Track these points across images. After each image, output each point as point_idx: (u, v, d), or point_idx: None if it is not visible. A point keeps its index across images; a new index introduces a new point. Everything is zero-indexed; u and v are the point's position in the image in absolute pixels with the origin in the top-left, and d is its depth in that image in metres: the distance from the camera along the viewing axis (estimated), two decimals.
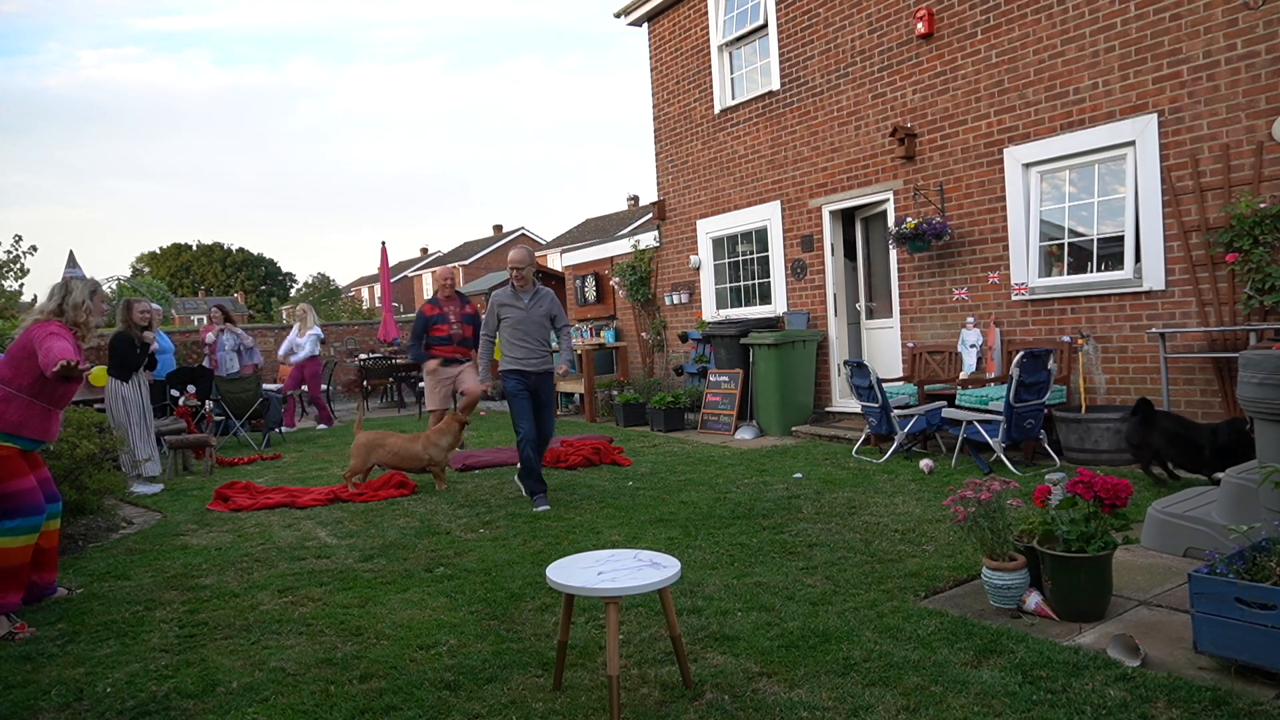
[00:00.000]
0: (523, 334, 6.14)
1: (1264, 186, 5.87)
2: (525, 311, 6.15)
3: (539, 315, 6.19)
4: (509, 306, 6.16)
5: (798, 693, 2.92)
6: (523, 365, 6.14)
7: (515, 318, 6.14)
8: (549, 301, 6.26)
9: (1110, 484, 3.51)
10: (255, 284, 59.85)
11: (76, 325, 4.35)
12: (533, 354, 6.16)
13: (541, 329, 6.23)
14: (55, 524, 4.46)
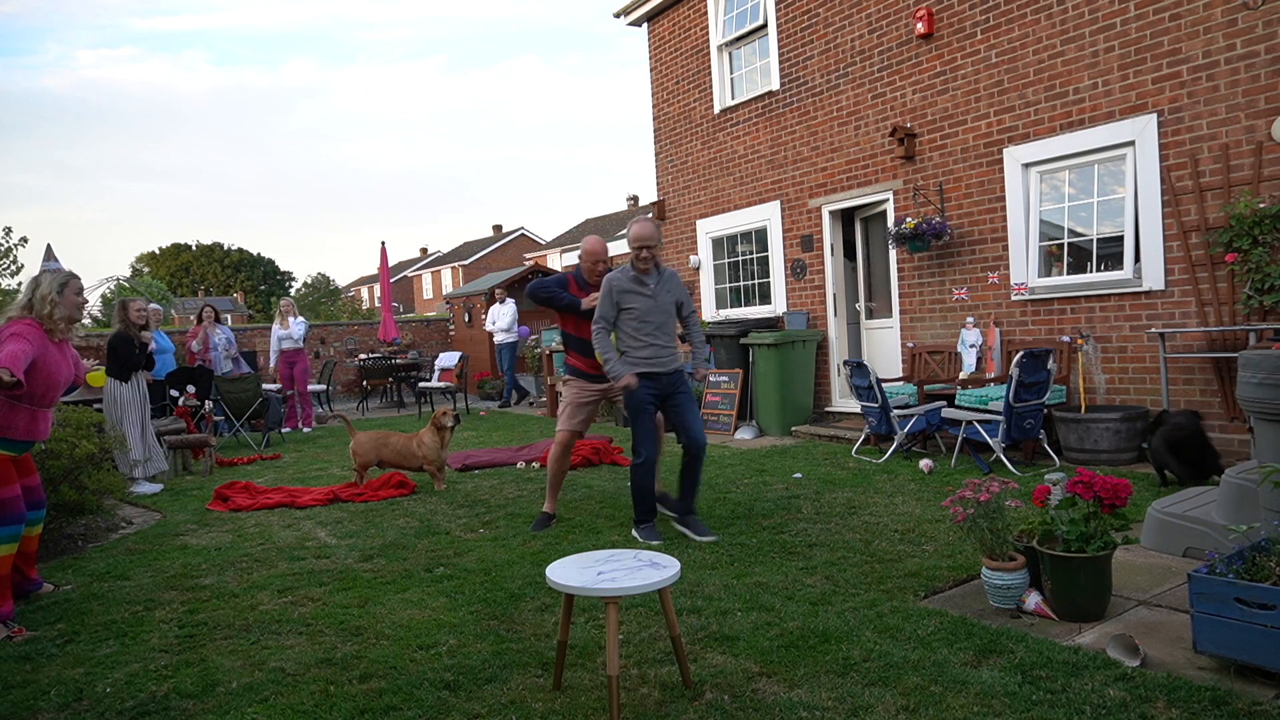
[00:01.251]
0: (652, 327, 4.92)
1: (1263, 186, 5.87)
2: (653, 299, 4.92)
3: (668, 303, 4.99)
4: (633, 294, 4.89)
5: (798, 693, 2.92)
6: (653, 366, 4.93)
7: (642, 308, 4.90)
8: (676, 284, 5.09)
9: (1110, 484, 3.51)
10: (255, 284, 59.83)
11: (44, 320, 4.19)
12: (664, 351, 4.99)
13: (671, 319, 5.06)
14: (37, 529, 4.46)
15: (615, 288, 4.90)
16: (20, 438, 4.10)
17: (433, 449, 6.88)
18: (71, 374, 4.39)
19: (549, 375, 12.34)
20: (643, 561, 3.04)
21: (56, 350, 4.21)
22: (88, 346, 13.00)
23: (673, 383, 4.99)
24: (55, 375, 4.18)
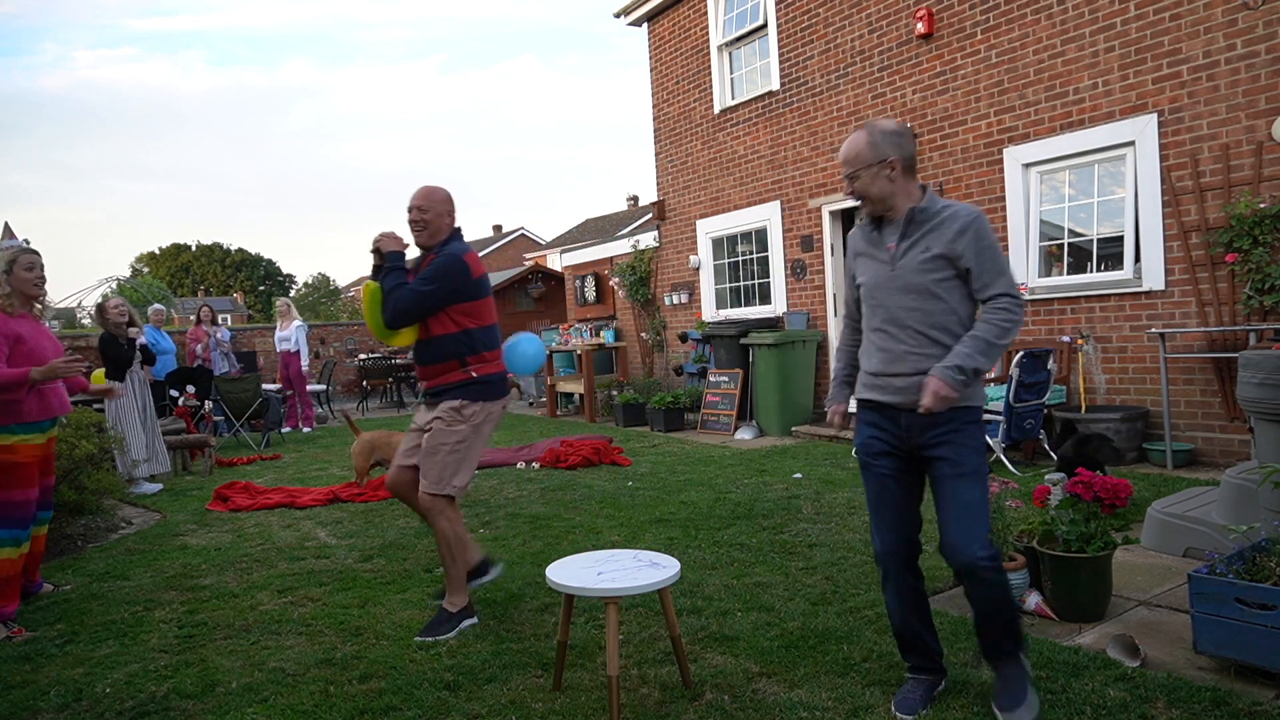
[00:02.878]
0: (882, 318, 2.74)
1: (1264, 186, 5.87)
2: (890, 265, 2.71)
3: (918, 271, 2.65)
4: (863, 259, 2.83)
5: (798, 693, 2.92)
6: (878, 390, 2.76)
7: (869, 282, 2.78)
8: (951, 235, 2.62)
9: (1110, 484, 3.51)
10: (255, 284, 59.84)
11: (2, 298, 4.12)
12: (898, 362, 2.70)
13: (927, 303, 2.65)
14: (43, 529, 4.46)
15: (850, 250, 2.92)
16: (35, 418, 4.06)
17: None
18: (60, 347, 4.34)
19: (549, 375, 12.35)
20: (643, 562, 3.04)
21: (31, 325, 4.15)
22: (87, 346, 13.00)
23: (925, 430, 2.64)
24: (41, 351, 4.11)
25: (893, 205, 2.71)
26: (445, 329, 3.72)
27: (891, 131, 2.71)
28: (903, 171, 2.70)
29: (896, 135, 2.71)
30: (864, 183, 2.71)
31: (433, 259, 3.76)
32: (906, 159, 2.70)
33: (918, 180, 2.77)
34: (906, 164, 2.70)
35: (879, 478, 2.77)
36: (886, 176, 2.69)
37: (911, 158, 2.72)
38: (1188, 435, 6.31)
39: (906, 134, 2.76)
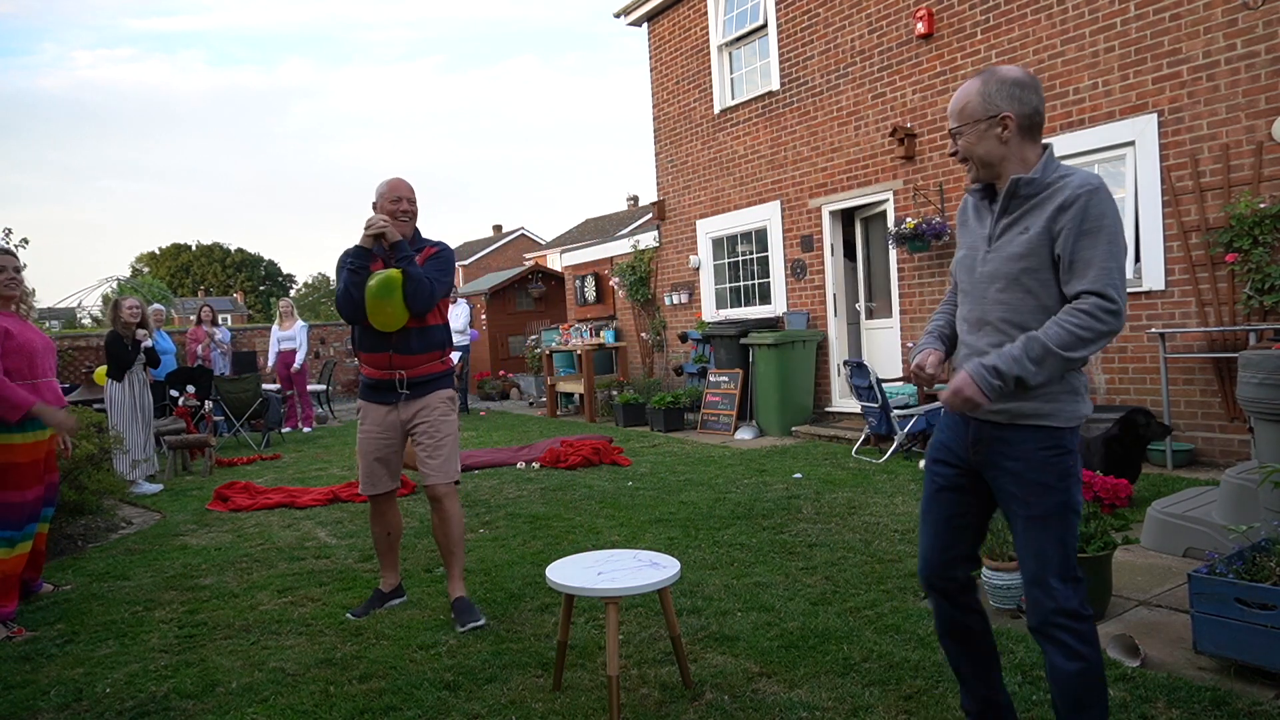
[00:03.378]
0: (969, 305, 2.36)
1: (1264, 186, 5.87)
2: (985, 246, 2.32)
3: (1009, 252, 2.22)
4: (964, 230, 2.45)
5: (798, 693, 2.92)
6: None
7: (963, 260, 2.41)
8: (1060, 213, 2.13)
9: (1110, 484, 3.51)
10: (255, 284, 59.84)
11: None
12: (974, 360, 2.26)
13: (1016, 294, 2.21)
14: (45, 527, 4.46)
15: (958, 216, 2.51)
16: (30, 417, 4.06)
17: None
18: (50, 341, 4.34)
19: (549, 375, 12.35)
20: (643, 562, 3.04)
21: (17, 321, 4.14)
22: (87, 346, 13.01)
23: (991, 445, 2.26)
24: (29, 345, 4.11)
25: (1001, 172, 2.25)
26: (436, 320, 3.88)
27: (1011, 81, 2.23)
28: (1019, 131, 2.21)
29: (1016, 86, 2.22)
30: (968, 141, 2.26)
31: (434, 251, 3.91)
32: (1025, 116, 2.21)
33: (1040, 143, 2.26)
34: (1025, 123, 2.21)
35: (934, 483, 2.41)
36: (997, 136, 2.22)
37: (1033, 115, 2.23)
38: (1188, 435, 6.31)
39: (1030, 86, 2.24)
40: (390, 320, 3.71)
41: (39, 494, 4.14)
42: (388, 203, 3.82)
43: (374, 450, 3.86)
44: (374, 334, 3.77)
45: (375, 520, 4.02)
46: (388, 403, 3.83)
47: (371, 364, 3.83)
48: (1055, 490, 2.15)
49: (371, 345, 3.81)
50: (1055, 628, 2.12)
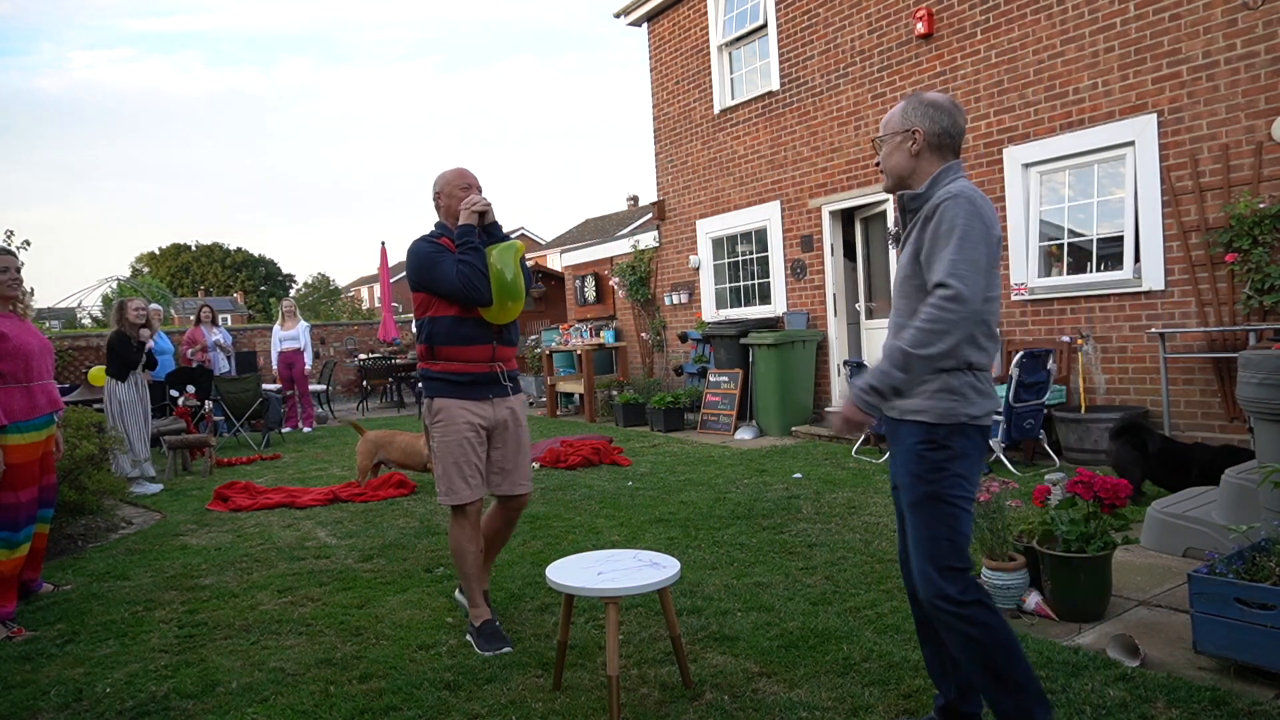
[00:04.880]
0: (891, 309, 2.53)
1: (1263, 186, 5.87)
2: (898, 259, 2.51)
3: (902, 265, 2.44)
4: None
5: (798, 693, 2.92)
6: None
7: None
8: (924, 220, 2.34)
9: (1110, 484, 3.51)
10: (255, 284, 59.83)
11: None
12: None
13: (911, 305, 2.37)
14: (45, 528, 4.46)
15: None
16: (24, 418, 4.06)
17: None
18: (47, 342, 4.33)
19: (549, 375, 12.35)
20: (643, 561, 3.04)
21: (14, 323, 4.14)
22: (87, 346, 13.01)
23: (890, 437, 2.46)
24: (25, 347, 4.10)
25: (909, 185, 2.43)
26: None
27: (928, 102, 2.40)
28: (927, 147, 2.37)
29: (931, 107, 2.39)
30: (885, 152, 2.46)
31: None
32: (934, 134, 2.36)
33: (948, 162, 2.38)
34: (934, 140, 2.37)
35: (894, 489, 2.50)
36: (907, 150, 2.39)
37: (942, 134, 2.37)
38: (1188, 435, 6.31)
39: (946, 108, 2.39)
40: (513, 309, 3.48)
41: (34, 495, 4.13)
42: (458, 189, 3.58)
43: (471, 452, 3.50)
44: (474, 324, 3.49)
45: (471, 535, 3.56)
46: (483, 398, 3.53)
47: (472, 357, 3.50)
48: (925, 481, 2.29)
49: (472, 336, 3.49)
50: (938, 610, 2.27)
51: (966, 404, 2.28)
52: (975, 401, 2.29)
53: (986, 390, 2.33)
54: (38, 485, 4.19)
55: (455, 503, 3.53)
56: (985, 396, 2.32)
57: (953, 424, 2.28)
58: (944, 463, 2.28)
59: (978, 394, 2.30)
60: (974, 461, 2.33)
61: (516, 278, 3.47)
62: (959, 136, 2.41)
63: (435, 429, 3.52)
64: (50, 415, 4.26)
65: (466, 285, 3.38)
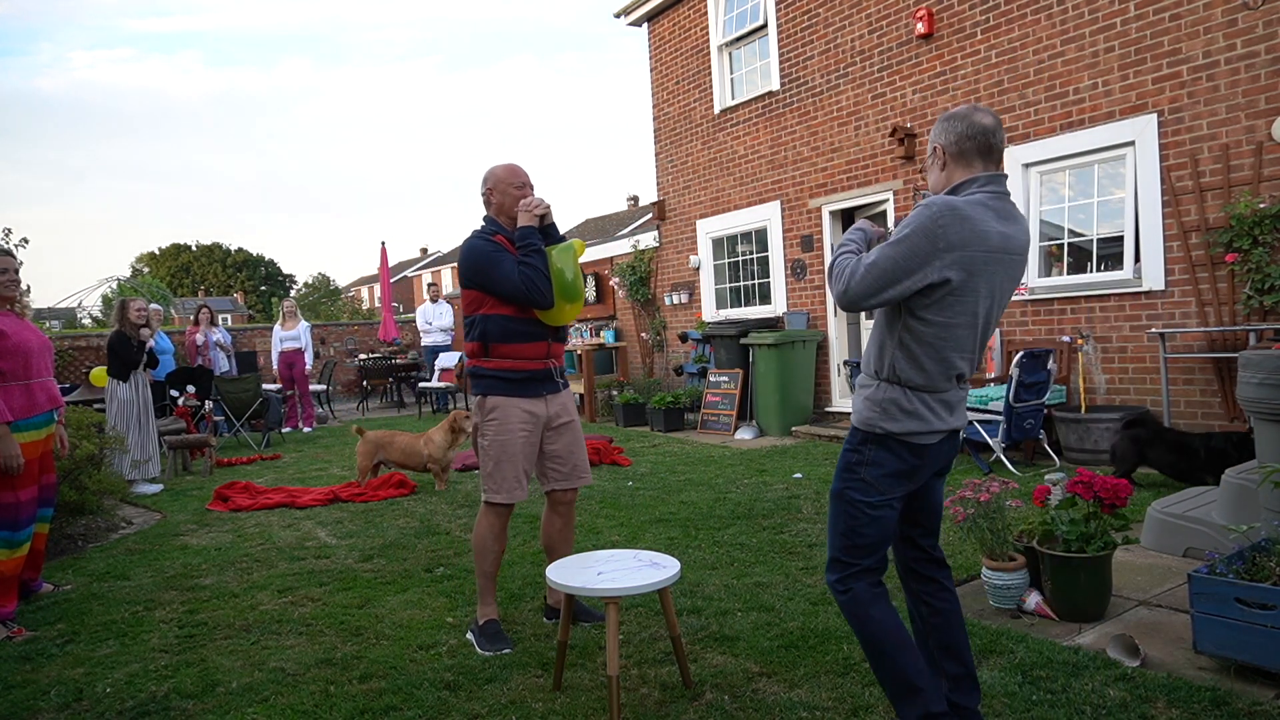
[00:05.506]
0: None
1: (1264, 186, 5.87)
2: None
3: None
4: None
5: (798, 693, 2.92)
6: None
7: None
8: None
9: (1110, 484, 3.51)
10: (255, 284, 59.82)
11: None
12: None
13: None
14: (45, 527, 4.46)
15: None
16: (23, 416, 4.06)
17: (440, 449, 6.89)
18: (46, 340, 4.33)
19: None
20: (643, 561, 3.04)
21: (13, 321, 4.13)
22: (88, 346, 13.01)
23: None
24: (25, 345, 4.10)
25: None
26: None
27: (946, 117, 2.38)
28: (951, 159, 2.35)
29: (947, 120, 2.37)
30: (928, 180, 2.47)
31: None
32: (953, 142, 2.32)
33: (976, 173, 2.33)
34: (954, 149, 2.33)
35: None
36: (938, 168, 2.39)
37: (963, 139, 2.31)
38: None
39: (962, 114, 2.34)
40: (570, 311, 3.46)
41: (34, 494, 4.13)
42: (511, 187, 3.51)
43: (528, 450, 3.49)
44: (530, 321, 3.44)
45: (499, 535, 3.54)
46: (539, 395, 3.50)
47: (529, 354, 3.46)
48: (839, 477, 2.45)
49: (529, 334, 3.46)
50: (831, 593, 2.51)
51: (885, 418, 2.34)
52: (896, 418, 2.33)
53: (917, 411, 2.32)
54: (38, 484, 4.20)
55: (502, 500, 3.48)
56: (912, 417, 2.32)
57: (867, 432, 2.38)
58: (854, 465, 2.41)
59: (902, 412, 2.32)
60: (888, 474, 2.36)
61: (576, 279, 3.45)
62: (983, 136, 2.31)
63: (489, 426, 3.47)
64: (50, 413, 4.26)
65: (529, 288, 3.34)
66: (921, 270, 2.19)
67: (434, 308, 13.53)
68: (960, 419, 2.44)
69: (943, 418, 2.36)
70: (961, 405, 2.44)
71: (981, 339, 2.38)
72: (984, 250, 2.22)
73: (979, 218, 2.21)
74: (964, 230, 2.18)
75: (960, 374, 2.37)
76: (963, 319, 2.28)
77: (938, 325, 2.26)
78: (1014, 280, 2.38)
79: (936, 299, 2.24)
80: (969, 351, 2.35)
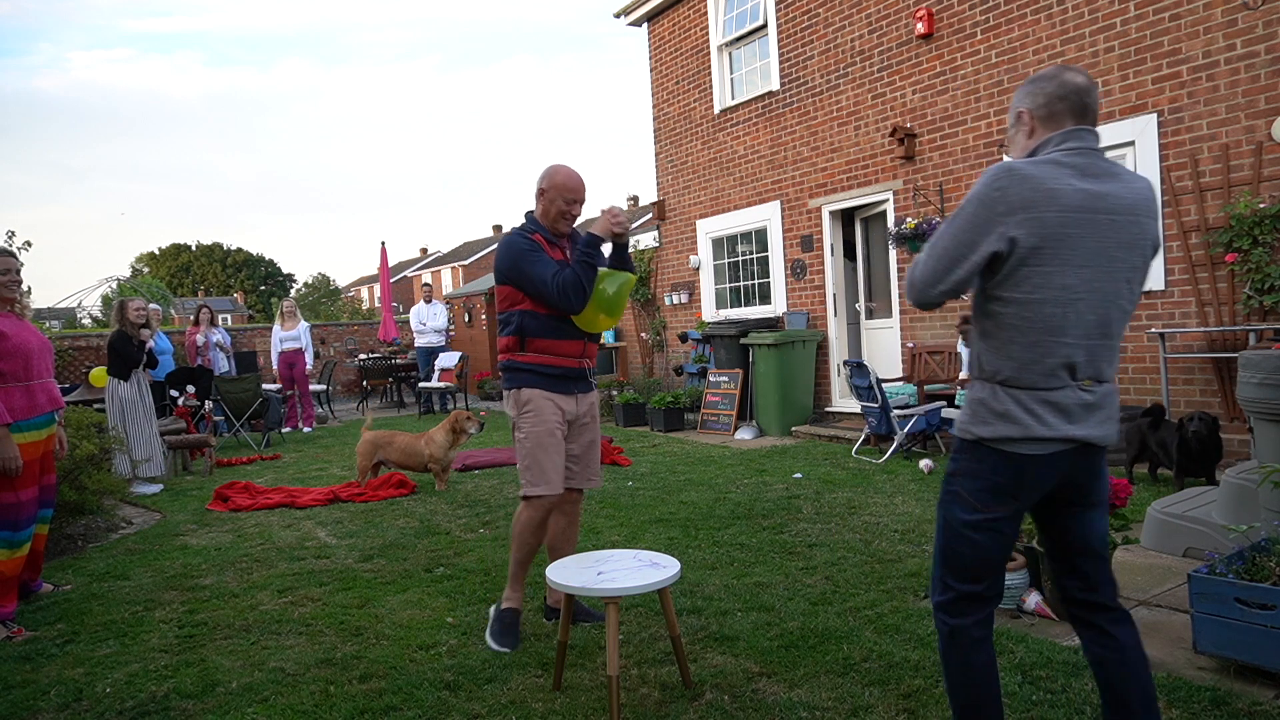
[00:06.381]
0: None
1: (1263, 186, 5.87)
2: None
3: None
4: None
5: (798, 693, 2.92)
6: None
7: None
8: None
9: (1109, 484, 3.51)
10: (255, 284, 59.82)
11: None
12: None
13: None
14: (44, 528, 4.46)
15: None
16: (24, 417, 4.05)
17: (441, 448, 6.89)
18: (46, 341, 4.33)
19: None
20: (643, 561, 3.04)
21: (13, 322, 4.13)
22: (87, 346, 13.01)
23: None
24: (25, 346, 4.10)
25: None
26: None
27: (1029, 80, 2.12)
28: (1041, 123, 2.07)
29: (1031, 82, 2.11)
30: (1010, 151, 2.18)
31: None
32: (1042, 105, 2.05)
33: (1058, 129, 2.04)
34: (1044, 111, 2.06)
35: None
36: (1024, 136, 2.11)
37: (1053, 100, 2.04)
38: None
39: (1049, 75, 2.08)
40: (603, 322, 3.53)
41: (34, 494, 4.13)
42: (563, 198, 3.50)
43: (561, 443, 3.52)
44: (569, 319, 3.48)
45: (539, 528, 3.54)
46: (571, 393, 3.55)
47: (565, 351, 3.50)
48: (941, 492, 2.20)
49: (565, 332, 3.49)
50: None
51: (975, 421, 2.07)
52: (986, 420, 2.03)
53: (1009, 412, 2.00)
54: (38, 484, 4.20)
55: (544, 494, 3.47)
56: (1003, 419, 2.01)
57: (962, 439, 2.12)
58: (950, 475, 2.16)
59: (992, 414, 2.02)
60: (983, 488, 2.06)
61: (618, 298, 3.47)
62: (1076, 95, 2.03)
63: (524, 420, 3.49)
64: (51, 414, 4.26)
65: (562, 292, 3.33)
66: (984, 240, 1.93)
67: (428, 308, 13.51)
68: (1090, 428, 2.02)
69: (1049, 423, 1.98)
70: (1093, 412, 2.02)
71: (1098, 322, 1.99)
72: (1058, 210, 1.91)
73: (1047, 175, 1.94)
74: (1026, 190, 1.92)
75: (1071, 365, 1.98)
76: (1049, 294, 1.95)
77: (1018, 303, 1.96)
78: (1128, 246, 1.98)
79: (1008, 272, 1.96)
80: (1075, 336, 1.97)
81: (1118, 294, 2.01)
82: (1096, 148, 2.02)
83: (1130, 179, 2.02)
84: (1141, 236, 2.01)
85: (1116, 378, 2.12)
